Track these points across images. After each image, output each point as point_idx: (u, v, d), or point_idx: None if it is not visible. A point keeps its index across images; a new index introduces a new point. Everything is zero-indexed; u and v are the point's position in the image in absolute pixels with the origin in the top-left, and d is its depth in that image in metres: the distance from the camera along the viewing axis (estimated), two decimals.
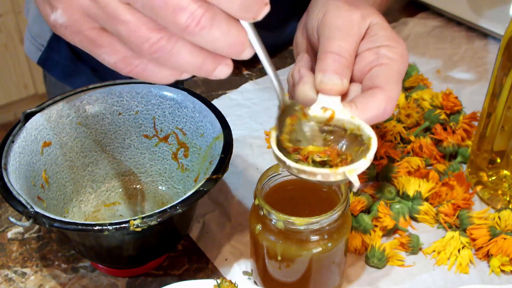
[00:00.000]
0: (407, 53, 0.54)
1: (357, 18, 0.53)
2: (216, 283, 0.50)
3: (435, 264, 0.57)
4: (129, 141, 0.61)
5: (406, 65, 0.53)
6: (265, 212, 0.48)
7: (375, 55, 0.52)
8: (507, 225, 0.58)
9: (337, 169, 0.44)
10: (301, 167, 0.44)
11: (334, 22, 0.53)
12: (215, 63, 0.40)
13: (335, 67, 0.51)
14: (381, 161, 0.65)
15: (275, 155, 0.46)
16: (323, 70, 0.51)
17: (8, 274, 0.57)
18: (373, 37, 0.54)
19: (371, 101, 0.50)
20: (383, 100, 0.50)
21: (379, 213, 0.59)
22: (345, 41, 0.52)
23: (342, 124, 0.48)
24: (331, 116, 0.48)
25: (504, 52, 0.56)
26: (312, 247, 0.48)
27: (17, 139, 0.53)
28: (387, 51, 0.52)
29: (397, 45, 0.53)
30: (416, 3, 0.96)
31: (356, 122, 0.48)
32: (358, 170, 0.44)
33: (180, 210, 0.47)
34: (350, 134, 0.48)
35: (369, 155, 0.45)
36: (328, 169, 0.44)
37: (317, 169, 0.44)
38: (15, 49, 1.98)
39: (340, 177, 0.44)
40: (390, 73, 0.51)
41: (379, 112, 0.50)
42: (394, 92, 0.51)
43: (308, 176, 0.44)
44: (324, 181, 0.44)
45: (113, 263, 0.55)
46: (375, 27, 0.54)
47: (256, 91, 0.79)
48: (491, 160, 0.62)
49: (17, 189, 0.49)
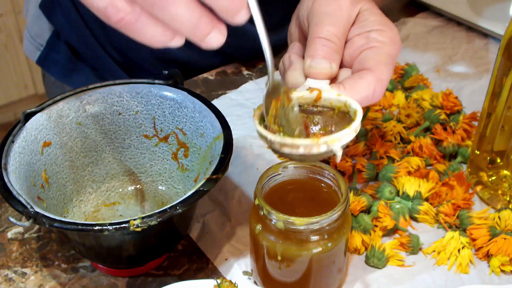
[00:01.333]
0: (399, 37, 0.53)
1: (346, 4, 0.53)
2: (216, 283, 0.50)
3: (435, 264, 0.57)
4: (129, 141, 0.61)
5: (398, 49, 0.53)
6: (265, 212, 0.48)
7: (365, 39, 0.52)
8: (507, 225, 0.58)
9: (319, 139, 0.43)
10: (283, 140, 0.43)
11: (323, 9, 0.53)
12: (210, 25, 0.39)
13: (324, 52, 0.51)
14: (381, 161, 0.65)
15: (257, 132, 0.45)
16: (312, 55, 0.51)
17: (8, 274, 0.57)
18: (363, 22, 0.53)
19: (360, 82, 0.49)
20: (372, 81, 0.49)
21: (379, 213, 0.59)
22: (333, 26, 0.52)
23: (329, 103, 0.48)
24: (317, 96, 0.48)
25: (504, 52, 0.56)
26: (312, 247, 0.48)
27: (17, 139, 0.53)
28: (378, 35, 0.52)
29: (388, 29, 0.53)
30: (416, 3, 0.96)
31: (343, 99, 0.47)
32: (341, 140, 0.44)
33: (180, 210, 0.47)
34: (338, 112, 0.48)
35: (353, 125, 0.44)
36: (309, 140, 0.43)
37: (298, 140, 0.43)
38: (15, 49, 1.98)
39: (323, 148, 0.43)
40: (379, 56, 0.51)
41: (368, 93, 0.49)
42: (384, 74, 0.50)
43: (291, 149, 0.43)
44: (307, 154, 0.44)
45: (113, 263, 0.55)
46: (365, 13, 0.54)
47: (256, 91, 0.79)
48: (491, 160, 0.62)
49: (17, 189, 0.49)
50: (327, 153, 0.44)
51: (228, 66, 0.84)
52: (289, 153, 0.44)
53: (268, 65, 0.45)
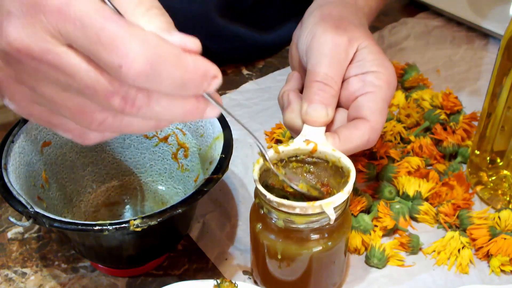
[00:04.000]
0: (395, 78, 0.54)
1: (344, 43, 0.54)
2: (216, 283, 0.50)
3: (435, 264, 0.57)
4: (129, 141, 0.61)
5: (393, 92, 0.54)
6: (265, 211, 0.48)
7: (361, 83, 0.53)
8: (507, 225, 0.58)
9: (315, 203, 0.45)
10: (281, 201, 0.46)
11: (320, 48, 0.54)
12: (171, 122, 0.40)
13: (320, 97, 0.52)
14: (381, 161, 0.65)
15: (257, 188, 0.47)
16: (309, 100, 0.52)
17: (8, 274, 0.57)
18: (361, 62, 0.54)
19: (354, 133, 0.51)
20: (367, 131, 0.51)
21: (379, 213, 0.59)
22: (331, 68, 0.53)
23: (324, 156, 0.50)
24: (313, 148, 0.50)
25: (504, 52, 0.56)
26: (312, 245, 0.49)
27: (17, 139, 0.53)
28: (374, 78, 0.53)
29: (384, 70, 0.53)
30: (416, 3, 0.96)
31: (337, 155, 0.50)
32: (335, 203, 0.46)
33: (180, 210, 0.47)
34: (332, 165, 0.50)
35: (347, 188, 0.47)
36: (306, 203, 0.46)
37: (295, 203, 0.46)
38: None
39: (318, 210, 0.46)
40: (375, 103, 0.52)
41: (362, 143, 0.51)
42: (378, 123, 0.52)
43: (287, 209, 0.46)
44: (302, 214, 0.46)
45: (113, 263, 0.55)
46: (363, 51, 0.54)
47: (256, 91, 0.79)
48: (491, 160, 0.62)
49: (17, 189, 0.49)
50: (320, 214, 0.46)
51: (228, 66, 0.84)
52: (285, 211, 0.46)
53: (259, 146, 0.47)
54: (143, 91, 0.35)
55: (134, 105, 0.35)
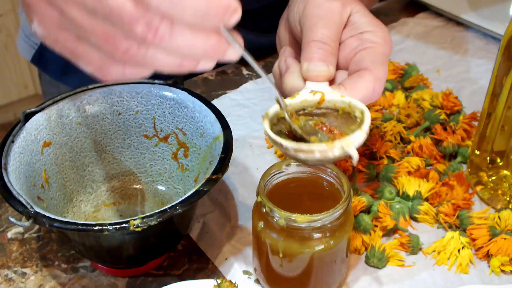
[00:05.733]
0: (390, 37, 0.54)
1: (337, 7, 0.54)
2: (216, 283, 0.50)
3: (435, 264, 0.57)
4: (129, 141, 0.61)
5: (390, 49, 0.54)
6: (267, 209, 0.48)
7: (358, 41, 0.53)
8: (507, 225, 0.58)
9: (334, 143, 0.43)
10: (299, 146, 0.44)
11: (315, 12, 0.54)
12: (195, 61, 0.39)
13: (320, 55, 0.52)
14: (381, 161, 0.65)
15: (271, 139, 0.45)
16: (309, 59, 0.52)
17: (8, 274, 0.57)
18: (355, 24, 0.54)
19: (359, 82, 0.50)
20: (371, 80, 0.50)
21: (379, 213, 0.59)
22: (327, 29, 0.53)
23: (333, 105, 0.49)
24: (321, 98, 0.48)
25: (504, 52, 0.56)
26: (314, 244, 0.49)
27: (17, 139, 0.53)
28: (371, 36, 0.53)
29: (380, 30, 0.54)
30: (416, 3, 0.96)
31: (347, 100, 0.48)
32: (355, 143, 0.44)
33: (180, 210, 0.47)
34: (343, 113, 0.48)
35: (364, 127, 0.45)
36: (325, 145, 0.44)
37: (314, 145, 0.44)
38: (15, 49, 1.98)
39: (337, 152, 0.44)
40: (375, 55, 0.52)
41: (368, 92, 0.50)
42: (381, 73, 0.51)
43: (306, 154, 0.44)
44: (322, 159, 0.44)
45: (113, 263, 0.55)
46: (356, 15, 0.55)
47: (256, 91, 0.79)
48: (491, 160, 0.62)
49: (17, 189, 0.49)
50: (341, 157, 0.44)
51: (228, 66, 0.84)
52: (304, 159, 0.44)
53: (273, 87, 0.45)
54: (167, 20, 0.36)
55: (157, 34, 0.36)
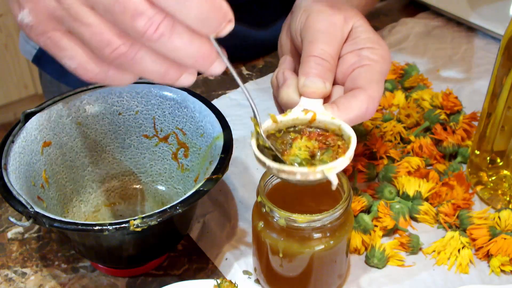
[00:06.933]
0: (389, 54, 0.54)
1: (339, 21, 0.54)
2: (216, 283, 0.50)
3: (435, 264, 0.57)
4: (129, 141, 0.61)
5: (388, 67, 0.54)
6: (267, 209, 0.48)
7: (357, 57, 0.53)
8: (507, 225, 0.58)
9: (316, 168, 0.44)
10: (281, 167, 0.45)
11: (317, 26, 0.54)
12: (179, 72, 0.40)
13: (318, 71, 0.52)
14: (381, 161, 0.65)
15: (256, 156, 0.46)
16: (306, 74, 0.52)
17: (8, 274, 0.57)
18: (355, 40, 0.54)
19: (353, 102, 0.50)
20: (365, 100, 0.50)
21: (379, 213, 0.59)
22: (327, 44, 0.53)
23: (324, 125, 0.49)
24: (312, 117, 0.49)
25: (504, 52, 0.56)
26: (314, 244, 0.49)
27: (17, 139, 0.53)
28: (369, 53, 0.53)
29: (379, 47, 0.54)
30: (416, 3, 0.96)
31: (337, 123, 0.49)
32: (336, 169, 0.45)
33: (180, 210, 0.47)
34: (332, 134, 0.49)
35: (348, 154, 0.46)
36: (307, 168, 0.44)
37: (296, 168, 0.45)
38: (15, 49, 1.98)
39: (319, 176, 0.45)
40: (371, 74, 0.52)
41: (361, 112, 0.50)
42: (376, 92, 0.51)
43: (288, 175, 0.45)
44: (303, 180, 0.45)
45: (113, 263, 0.55)
46: (357, 30, 0.55)
47: (256, 91, 0.79)
48: (491, 160, 0.62)
49: (17, 189, 0.49)
50: (322, 180, 0.45)
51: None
52: (286, 178, 0.46)
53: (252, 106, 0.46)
54: (169, 19, 0.36)
55: (157, 31, 0.36)
